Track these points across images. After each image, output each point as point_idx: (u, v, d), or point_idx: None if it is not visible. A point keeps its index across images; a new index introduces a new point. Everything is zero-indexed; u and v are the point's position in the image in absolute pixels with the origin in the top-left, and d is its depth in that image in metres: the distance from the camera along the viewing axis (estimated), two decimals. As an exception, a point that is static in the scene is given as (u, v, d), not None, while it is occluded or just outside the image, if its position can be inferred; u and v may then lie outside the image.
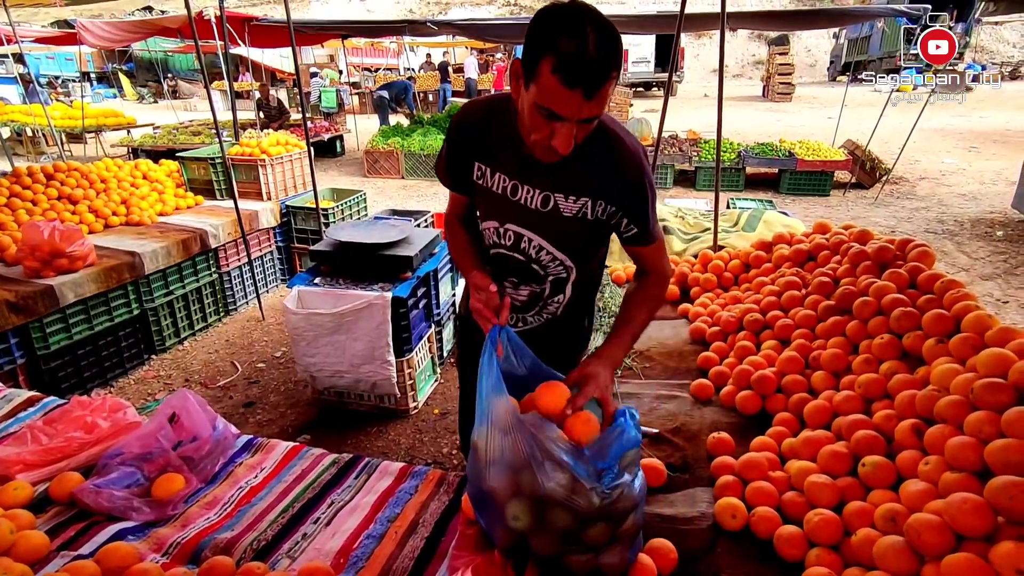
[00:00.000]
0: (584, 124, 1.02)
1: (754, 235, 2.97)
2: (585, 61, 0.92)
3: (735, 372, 1.80)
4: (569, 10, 0.96)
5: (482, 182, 1.26)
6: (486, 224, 1.32)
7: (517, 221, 1.25)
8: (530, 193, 1.20)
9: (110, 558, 1.09)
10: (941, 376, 1.31)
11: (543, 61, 0.95)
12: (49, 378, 2.92)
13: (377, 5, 29.83)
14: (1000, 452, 1.04)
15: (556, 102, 0.97)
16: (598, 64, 0.93)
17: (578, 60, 0.93)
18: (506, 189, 1.22)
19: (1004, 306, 4.20)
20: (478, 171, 1.26)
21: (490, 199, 1.27)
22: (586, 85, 0.94)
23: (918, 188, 7.73)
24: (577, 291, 1.39)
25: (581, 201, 1.18)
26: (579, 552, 1.07)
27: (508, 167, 1.21)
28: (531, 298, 1.38)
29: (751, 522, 1.26)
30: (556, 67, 0.94)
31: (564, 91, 0.95)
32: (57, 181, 3.82)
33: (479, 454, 1.08)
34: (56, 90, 18.85)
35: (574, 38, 0.92)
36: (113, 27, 8.09)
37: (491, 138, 1.21)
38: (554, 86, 0.95)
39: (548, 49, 0.94)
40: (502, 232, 1.29)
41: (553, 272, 1.31)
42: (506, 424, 1.03)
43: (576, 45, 0.92)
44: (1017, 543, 0.93)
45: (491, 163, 1.23)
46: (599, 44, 0.93)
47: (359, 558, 1.21)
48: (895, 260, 1.83)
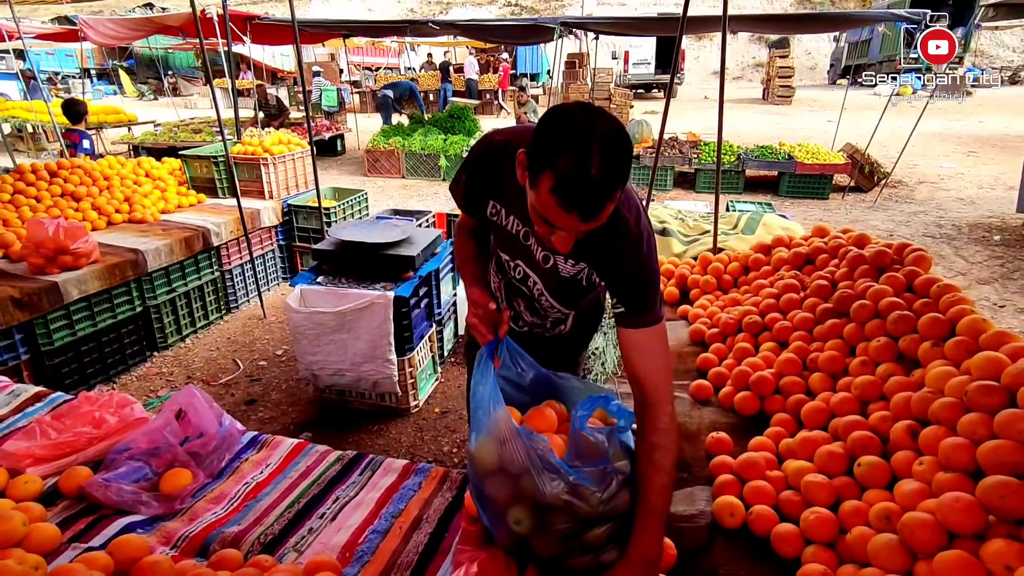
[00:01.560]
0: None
1: (753, 238, 3.00)
2: (584, 185, 0.88)
3: (734, 373, 1.82)
4: (576, 120, 0.90)
5: (496, 219, 1.26)
6: (500, 254, 1.35)
7: (524, 262, 1.29)
8: (534, 246, 1.23)
9: (122, 550, 1.11)
10: (936, 378, 1.34)
11: (543, 175, 0.91)
12: (52, 374, 2.94)
13: (378, 4, 29.83)
14: (992, 453, 1.07)
15: (554, 218, 0.94)
16: (598, 188, 0.88)
17: (577, 183, 0.88)
18: (519, 233, 1.23)
19: (1000, 310, 4.23)
20: (492, 208, 1.25)
21: (503, 236, 1.28)
22: (583, 209, 0.90)
23: (916, 192, 7.76)
24: (578, 323, 1.47)
25: (580, 266, 1.21)
26: (580, 553, 1.09)
27: (520, 213, 1.19)
28: (532, 326, 1.47)
29: (749, 520, 1.29)
30: (554, 187, 0.89)
31: (561, 211, 0.91)
32: (60, 178, 3.83)
33: (478, 463, 1.10)
34: (56, 86, 18.85)
35: (575, 157, 0.87)
36: (115, 24, 8.10)
37: (507, 178, 1.12)
38: (552, 204, 0.91)
39: (549, 164, 0.90)
40: (513, 266, 1.32)
41: (552, 316, 1.40)
42: (503, 434, 1.04)
43: (576, 166, 0.87)
44: (1007, 541, 0.96)
45: (505, 205, 1.22)
46: (601, 164, 0.87)
47: (364, 552, 1.24)
48: (892, 264, 1.85)
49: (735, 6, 23.78)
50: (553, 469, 1.01)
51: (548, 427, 1.13)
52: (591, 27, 9.52)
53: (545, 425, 1.13)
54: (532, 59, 20.77)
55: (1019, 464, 1.04)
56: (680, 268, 2.71)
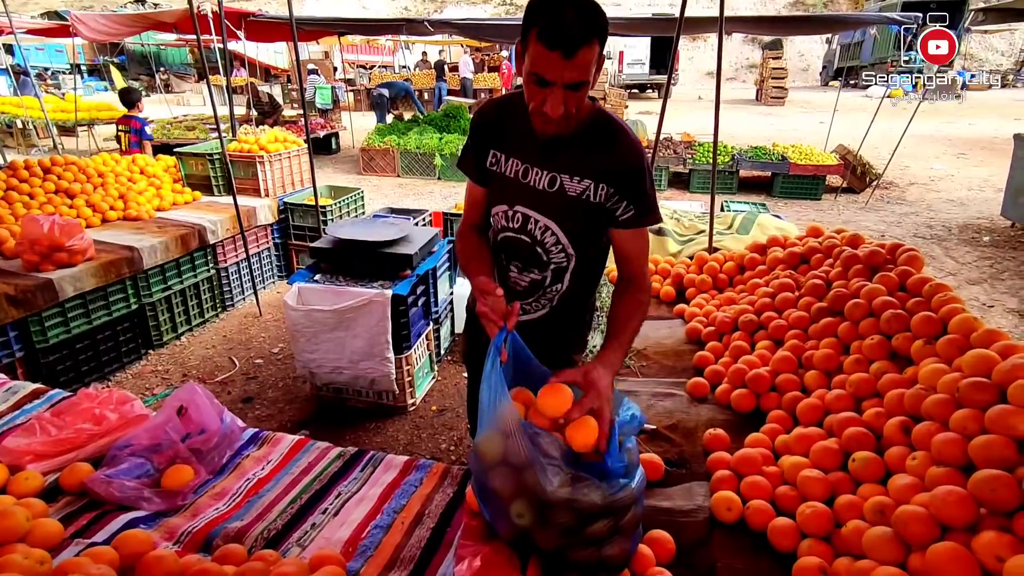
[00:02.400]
0: (572, 91, 1.11)
1: (748, 238, 3.03)
2: (563, 24, 1.04)
3: (730, 371, 1.85)
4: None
5: (496, 168, 1.36)
6: (496, 209, 1.40)
7: (525, 202, 1.34)
8: (538, 175, 1.30)
9: (127, 544, 1.12)
10: (928, 376, 1.37)
11: (531, 32, 1.08)
12: (47, 372, 2.93)
13: (372, 2, 29.73)
14: (983, 447, 1.10)
15: (541, 66, 1.08)
16: (575, 26, 1.04)
17: (557, 24, 1.04)
18: (517, 173, 1.33)
19: (990, 310, 4.29)
20: (493, 158, 1.37)
21: (502, 184, 1.36)
22: (565, 46, 1.05)
23: (908, 193, 7.85)
24: (575, 283, 1.44)
25: (585, 183, 1.27)
26: (582, 546, 1.10)
27: (520, 152, 1.32)
28: (532, 285, 1.45)
29: (746, 514, 1.31)
30: (539, 34, 1.06)
31: (546, 53, 1.06)
32: (54, 175, 3.81)
33: (482, 455, 1.11)
34: (46, 82, 18.65)
35: (556, 7, 1.05)
36: (108, 20, 8.03)
37: (505, 127, 1.33)
38: (538, 51, 1.07)
39: (534, 22, 1.07)
40: (511, 215, 1.36)
41: (555, 259, 1.39)
42: (509, 428, 1.05)
43: (557, 12, 1.05)
44: (998, 533, 0.99)
45: (505, 150, 1.34)
46: (578, 11, 1.05)
47: (368, 547, 1.25)
48: (885, 264, 1.88)
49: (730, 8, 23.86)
50: (556, 464, 1.03)
51: (563, 404, 1.10)
52: (586, 27, 9.49)
53: (557, 405, 1.11)
54: (527, 58, 20.75)
55: (1009, 458, 1.07)
56: (676, 267, 2.73)
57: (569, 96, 1.12)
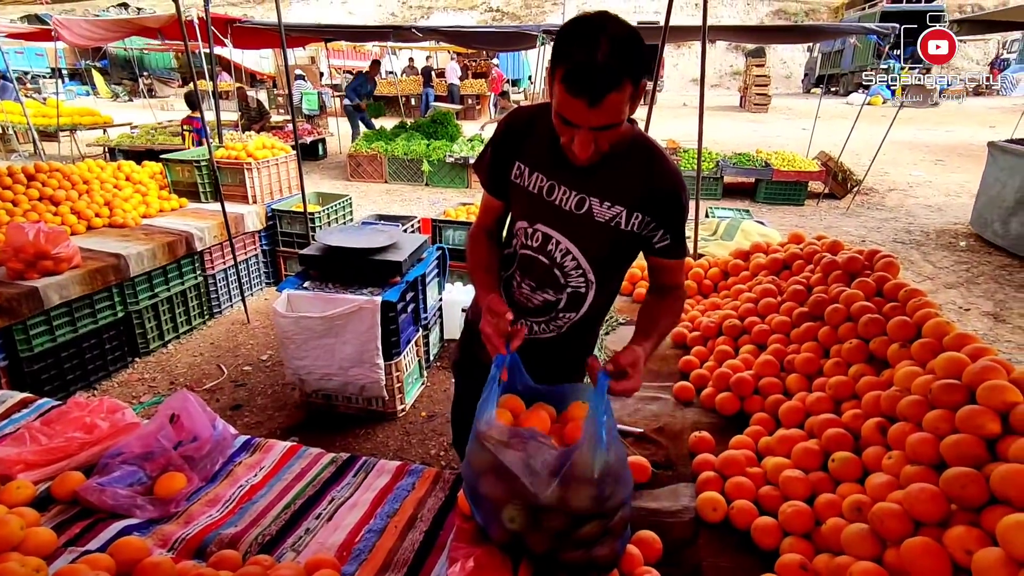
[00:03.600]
0: (602, 131, 1.05)
1: (732, 244, 3.09)
2: (589, 70, 0.97)
3: (715, 375, 1.89)
4: (589, 20, 1.01)
5: (519, 181, 1.29)
6: (518, 226, 1.34)
7: (548, 222, 1.27)
8: (566, 194, 1.23)
9: (123, 551, 1.13)
10: (903, 378, 1.42)
11: (557, 70, 1.02)
12: (31, 380, 2.90)
13: (358, 7, 29.73)
14: (953, 446, 1.15)
15: (566, 109, 1.03)
16: (603, 73, 0.97)
17: (583, 69, 0.97)
18: (542, 189, 1.25)
19: (966, 313, 4.40)
20: (517, 170, 1.29)
21: (525, 199, 1.29)
22: (590, 94, 0.98)
23: (887, 199, 8.01)
24: (590, 310, 1.38)
25: (616, 209, 1.21)
26: (573, 547, 1.13)
27: (547, 168, 1.25)
28: (544, 306, 1.37)
29: (730, 514, 1.35)
30: (564, 76, 1.00)
31: (570, 99, 1.00)
32: (39, 182, 3.77)
33: (475, 463, 1.13)
34: (26, 86, 18.37)
35: (583, 47, 0.97)
36: (92, 25, 7.97)
37: (533, 139, 1.26)
38: (563, 94, 1.01)
39: (560, 58, 1.01)
40: (531, 233, 1.30)
41: (574, 283, 1.31)
42: (499, 434, 1.08)
43: (584, 54, 0.97)
44: (967, 527, 1.04)
45: (530, 163, 1.27)
46: (609, 53, 0.96)
47: (361, 551, 1.27)
48: (863, 270, 1.94)
49: (713, 16, 24.26)
50: (545, 469, 1.06)
51: (541, 427, 1.17)
52: (573, 35, 9.58)
53: (539, 425, 1.17)
54: (514, 65, 20.92)
55: (978, 456, 1.12)
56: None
57: (600, 136, 1.07)
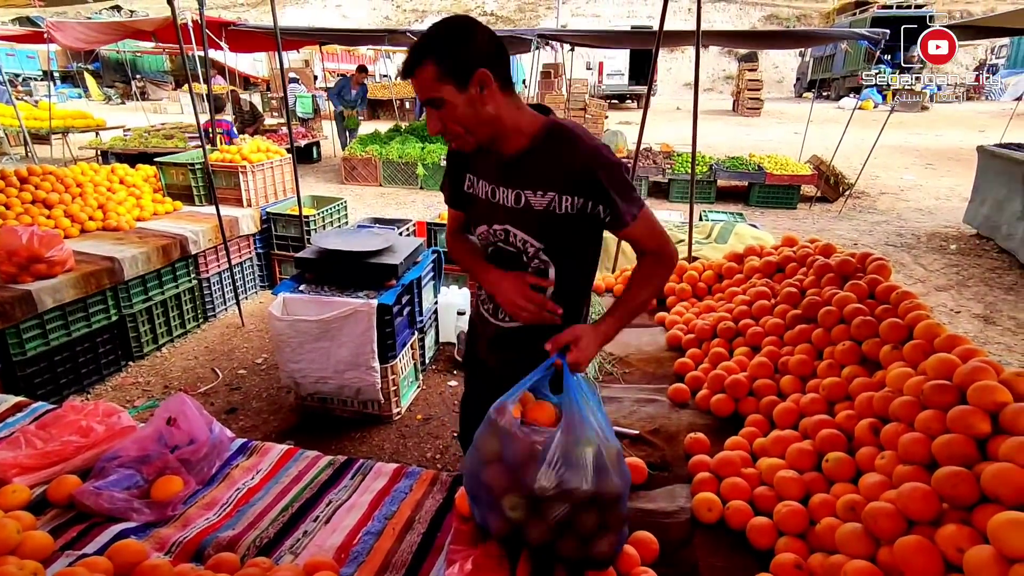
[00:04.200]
0: (434, 109, 1.20)
1: (726, 247, 3.12)
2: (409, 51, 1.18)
3: (709, 377, 1.91)
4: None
5: (472, 191, 1.42)
6: (479, 230, 1.44)
7: (500, 220, 1.37)
8: (505, 193, 1.34)
9: (121, 554, 1.13)
10: (895, 379, 1.44)
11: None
12: (25, 384, 2.88)
13: (352, 11, 29.77)
14: (945, 446, 1.17)
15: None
16: (411, 52, 1.17)
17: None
18: (487, 194, 1.37)
19: (957, 315, 4.45)
20: (468, 182, 1.42)
21: (479, 206, 1.41)
22: (404, 69, 1.20)
23: (879, 202, 8.09)
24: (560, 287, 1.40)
25: (549, 196, 1.29)
26: (571, 538, 1.15)
27: (488, 175, 1.37)
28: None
29: (726, 515, 1.37)
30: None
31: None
32: (31, 185, 3.75)
33: (479, 451, 1.17)
34: (16, 88, 18.26)
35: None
36: (86, 28, 7.94)
37: (480, 152, 1.36)
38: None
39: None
40: (493, 231, 1.40)
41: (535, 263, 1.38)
42: (507, 425, 1.12)
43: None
44: (959, 526, 1.05)
45: (476, 173, 1.40)
46: (421, 38, 1.16)
47: (359, 553, 1.27)
48: (856, 272, 1.97)
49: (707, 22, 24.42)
50: (546, 458, 1.08)
51: (547, 420, 1.19)
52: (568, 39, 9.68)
53: (544, 418, 1.19)
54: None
55: (969, 455, 1.14)
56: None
57: (443, 115, 1.20)
